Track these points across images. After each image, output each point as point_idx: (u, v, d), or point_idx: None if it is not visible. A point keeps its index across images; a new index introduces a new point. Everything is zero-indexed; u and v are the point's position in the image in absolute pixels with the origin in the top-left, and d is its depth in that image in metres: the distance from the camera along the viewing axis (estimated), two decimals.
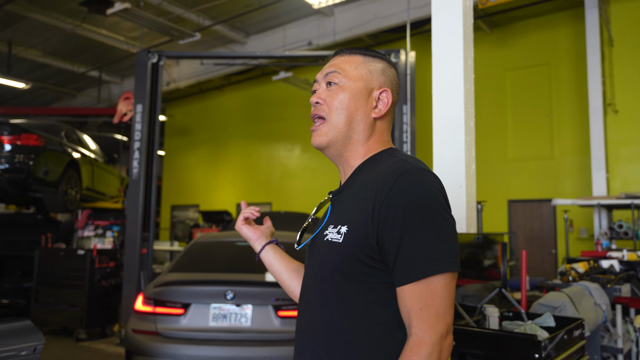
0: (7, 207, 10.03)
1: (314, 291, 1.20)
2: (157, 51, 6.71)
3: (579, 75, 9.69)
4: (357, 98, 1.24)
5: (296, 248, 1.34)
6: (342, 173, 1.31)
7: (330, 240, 1.16)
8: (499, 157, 10.53)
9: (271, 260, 1.51)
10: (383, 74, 1.29)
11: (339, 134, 1.24)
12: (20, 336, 2.70)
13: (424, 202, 1.08)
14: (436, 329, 1.04)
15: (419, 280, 1.05)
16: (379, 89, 1.27)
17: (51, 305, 6.91)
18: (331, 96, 1.25)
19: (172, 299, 3.96)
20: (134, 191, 6.42)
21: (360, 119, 1.25)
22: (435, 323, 1.05)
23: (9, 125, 6.87)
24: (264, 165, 14.10)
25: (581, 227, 9.58)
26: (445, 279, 1.06)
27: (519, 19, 10.48)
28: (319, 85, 1.30)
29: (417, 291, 1.05)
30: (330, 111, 1.25)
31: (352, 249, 1.11)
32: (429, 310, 1.05)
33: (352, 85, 1.25)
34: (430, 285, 1.05)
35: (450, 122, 2.88)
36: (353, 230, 1.12)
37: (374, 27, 9.51)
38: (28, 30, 10.95)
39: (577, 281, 4.30)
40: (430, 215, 1.07)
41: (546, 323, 2.60)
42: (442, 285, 1.06)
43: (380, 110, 1.26)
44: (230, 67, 11.83)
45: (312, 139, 1.28)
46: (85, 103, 15.12)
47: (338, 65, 1.28)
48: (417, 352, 1.03)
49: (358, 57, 1.29)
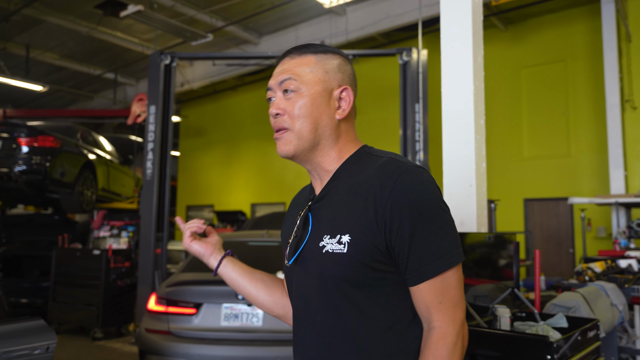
0: (26, 208, 10.20)
1: (317, 305, 1.16)
2: (169, 53, 6.76)
3: (596, 72, 9.54)
4: (319, 103, 1.18)
5: (287, 264, 1.24)
6: (317, 179, 1.26)
7: (331, 251, 1.12)
8: (514, 155, 10.41)
9: (231, 274, 1.41)
10: (340, 71, 1.22)
11: (306, 142, 1.19)
12: (34, 335, 2.74)
13: (426, 200, 1.08)
14: (456, 318, 1.10)
15: (434, 277, 1.08)
16: (339, 88, 1.21)
17: (68, 304, 7.01)
18: (291, 105, 1.19)
19: (184, 299, 3.99)
20: (148, 192, 6.47)
21: (326, 124, 1.19)
22: (455, 313, 1.10)
23: (26, 127, 6.98)
24: (278, 165, 14.13)
25: (599, 226, 9.43)
26: (457, 271, 1.11)
27: (533, 16, 10.34)
28: (274, 93, 1.23)
29: (434, 287, 1.08)
30: (292, 121, 1.18)
31: (360, 257, 1.09)
32: (447, 302, 1.09)
33: (310, 90, 1.18)
34: (445, 280, 1.09)
35: (460, 120, 2.85)
36: (358, 238, 1.09)
37: (386, 26, 9.47)
38: (45, 33, 11.11)
39: (594, 281, 4.24)
40: (434, 211, 1.09)
41: (559, 324, 2.56)
42: (455, 277, 1.10)
43: (344, 110, 1.21)
44: (244, 67, 11.88)
45: (278, 147, 1.22)
46: (102, 105, 15.30)
47: (291, 70, 1.20)
48: (444, 344, 1.07)
49: (310, 58, 1.21)
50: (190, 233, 1.41)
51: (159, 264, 6.35)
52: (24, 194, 7.30)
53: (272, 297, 1.41)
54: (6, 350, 2.60)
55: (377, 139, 11.35)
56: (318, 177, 1.25)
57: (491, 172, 10.15)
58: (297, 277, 1.23)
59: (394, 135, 7.30)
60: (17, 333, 2.70)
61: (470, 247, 2.89)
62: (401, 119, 6.62)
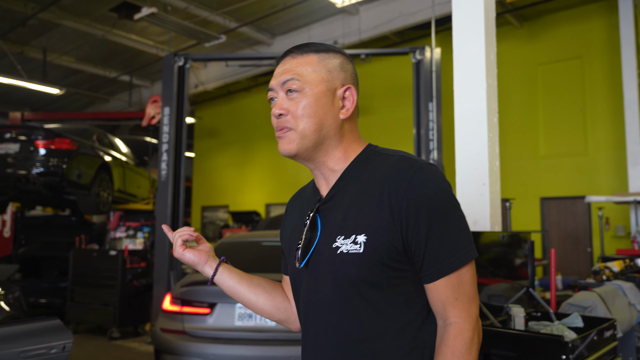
0: (44, 209, 10.35)
1: (331, 307, 1.14)
2: (183, 54, 6.80)
3: (613, 68, 9.40)
4: (323, 103, 1.17)
5: (298, 267, 1.20)
6: (322, 178, 1.24)
7: (346, 252, 1.11)
8: (530, 154, 10.30)
9: (228, 282, 1.36)
10: (342, 70, 1.21)
11: (309, 142, 1.17)
12: (50, 335, 2.78)
13: (440, 197, 1.09)
14: (472, 313, 1.11)
15: (450, 274, 1.09)
16: (342, 87, 1.20)
17: (86, 304, 7.10)
18: (294, 105, 1.17)
19: (199, 299, 4.01)
20: (163, 192, 6.52)
21: (331, 124, 1.18)
22: (470, 308, 1.11)
23: (43, 130, 7.08)
24: (292, 165, 14.14)
25: (618, 225, 9.29)
26: (471, 267, 1.12)
27: (549, 12, 10.22)
28: (276, 94, 1.21)
29: (450, 283, 1.09)
30: (296, 120, 1.17)
31: (378, 256, 1.08)
32: (463, 298, 1.10)
33: (314, 89, 1.16)
34: (460, 276, 1.10)
35: (473, 118, 2.83)
36: (374, 237, 1.08)
37: (399, 25, 9.43)
38: (61, 37, 11.26)
39: (612, 280, 4.18)
40: (447, 208, 1.10)
41: (574, 323, 2.52)
42: (469, 273, 1.11)
43: (349, 109, 1.20)
44: (257, 68, 11.91)
45: (280, 146, 1.20)
46: (118, 107, 15.46)
47: (293, 70, 1.18)
48: (461, 340, 1.09)
49: (312, 57, 1.20)
50: (182, 242, 1.35)
51: (174, 264, 6.40)
52: (41, 195, 7.40)
53: (273, 302, 1.39)
54: (24, 349, 2.64)
55: (391, 138, 11.31)
56: (323, 176, 1.24)
57: (507, 170, 10.11)
58: (307, 280, 1.21)
59: (408, 134, 7.28)
60: (34, 332, 2.75)
61: (485, 246, 2.86)
62: (415, 118, 6.58)
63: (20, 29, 10.24)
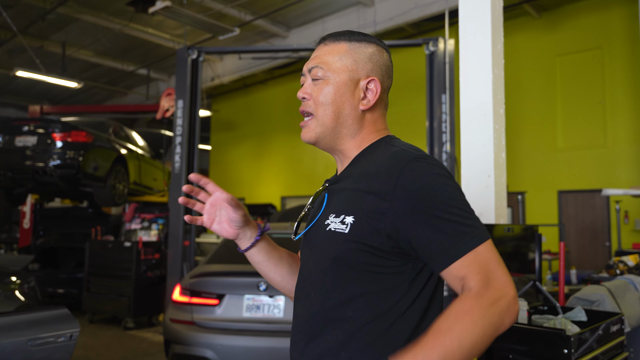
0: (63, 201, 10.54)
1: (314, 281, 1.18)
2: (196, 47, 6.83)
3: (634, 59, 9.18)
4: (343, 91, 1.20)
5: (293, 239, 1.28)
6: (339, 163, 1.28)
7: (333, 230, 1.13)
8: (548, 146, 10.14)
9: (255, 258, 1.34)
10: (370, 61, 1.23)
11: (327, 130, 1.22)
12: (58, 323, 2.83)
13: (435, 188, 1.05)
14: (496, 285, 1.00)
15: (465, 255, 1.01)
16: (366, 79, 1.22)
17: (101, 295, 7.22)
18: (317, 91, 1.21)
19: (207, 290, 4.05)
20: (176, 185, 6.58)
21: (348, 113, 1.21)
22: (494, 280, 1.00)
23: (60, 123, 7.20)
24: (308, 157, 14.15)
25: (637, 219, 9.11)
26: (488, 246, 1.03)
27: (568, 2, 10.02)
28: (305, 79, 1.26)
29: (466, 262, 1.01)
30: (316, 107, 1.22)
31: (361, 239, 1.08)
32: (485, 273, 1.01)
33: (336, 78, 1.20)
34: (477, 255, 1.01)
35: (478, 109, 2.79)
36: (360, 221, 1.09)
37: (415, 16, 9.33)
38: (80, 31, 11.40)
39: (625, 275, 4.10)
40: (446, 198, 1.05)
41: (577, 317, 2.49)
42: (488, 250, 1.02)
43: (369, 101, 1.22)
44: (273, 61, 11.92)
45: (301, 134, 1.26)
46: (135, 100, 15.62)
47: (321, 58, 1.22)
48: (477, 302, 0.98)
49: (343, 45, 1.23)
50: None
51: (187, 256, 6.46)
52: (58, 187, 7.53)
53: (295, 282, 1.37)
54: (31, 337, 2.70)
55: (405, 130, 11.21)
56: (340, 161, 1.29)
57: (523, 163, 9.99)
58: (303, 254, 1.27)
59: (421, 126, 7.21)
60: (42, 321, 2.80)
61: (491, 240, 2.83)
62: (428, 110, 6.52)
63: (39, 23, 10.40)
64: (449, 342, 0.96)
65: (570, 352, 2.15)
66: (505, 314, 0.99)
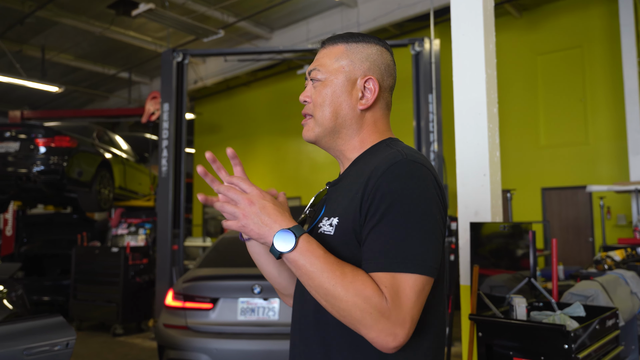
0: (45, 207, 10.36)
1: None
2: (181, 50, 6.78)
3: (613, 57, 9.36)
4: (340, 92, 1.21)
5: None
6: (340, 164, 1.28)
7: (322, 232, 1.14)
8: (531, 144, 10.28)
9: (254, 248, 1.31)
10: (367, 60, 1.22)
11: (325, 130, 1.22)
12: (53, 332, 2.78)
13: (407, 195, 1.02)
14: (400, 313, 0.97)
15: (384, 272, 0.99)
16: (363, 78, 1.21)
17: (89, 301, 7.12)
18: (316, 93, 1.23)
19: (201, 294, 4.02)
20: (164, 189, 6.52)
21: (347, 113, 1.21)
22: (398, 315, 0.97)
23: (43, 128, 7.08)
24: (293, 159, 14.14)
25: (619, 214, 9.28)
26: (415, 280, 0.99)
27: (548, 1, 10.17)
28: (308, 81, 1.27)
29: (381, 283, 0.99)
30: (315, 109, 1.23)
31: (344, 241, 1.08)
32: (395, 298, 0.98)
33: (333, 79, 1.21)
34: (396, 280, 0.98)
35: (472, 109, 2.82)
36: (344, 222, 1.09)
37: (398, 17, 9.39)
38: (59, 35, 11.23)
39: (613, 269, 4.18)
40: (411, 209, 1.02)
41: (576, 313, 2.53)
42: (408, 284, 0.98)
43: (368, 100, 1.21)
44: (256, 63, 11.88)
45: (302, 133, 1.27)
46: (117, 104, 15.44)
47: (319, 61, 1.25)
48: (374, 297, 0.96)
49: (340, 47, 1.24)
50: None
51: (176, 260, 6.41)
52: (42, 194, 7.41)
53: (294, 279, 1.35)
54: (27, 346, 2.65)
55: (393, 131, 11.27)
56: (341, 163, 1.28)
57: (507, 161, 10.09)
58: None
59: (408, 126, 7.25)
60: (38, 330, 2.75)
61: (486, 237, 2.86)
62: (414, 110, 6.57)
63: (18, 27, 10.22)
64: (334, 277, 0.99)
65: (571, 347, 2.19)
66: (375, 326, 0.96)
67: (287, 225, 1.05)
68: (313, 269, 1.01)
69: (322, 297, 1.01)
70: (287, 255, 1.03)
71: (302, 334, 1.19)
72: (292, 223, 1.06)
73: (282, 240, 1.03)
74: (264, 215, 1.06)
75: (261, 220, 1.06)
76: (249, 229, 1.07)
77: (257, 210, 1.07)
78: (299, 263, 1.02)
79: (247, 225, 1.06)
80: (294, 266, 1.04)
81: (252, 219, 1.06)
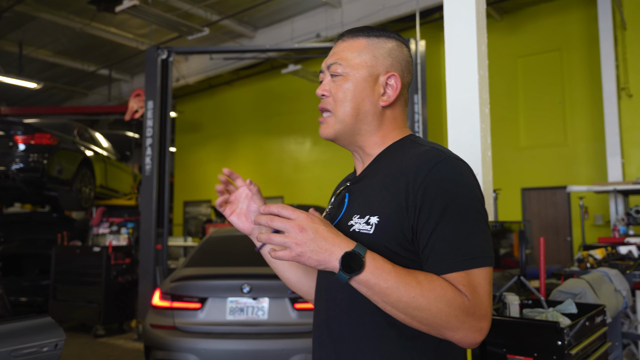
0: (23, 206, 10.15)
1: (339, 284, 1.13)
2: (166, 47, 6.71)
3: (592, 60, 9.55)
4: (362, 87, 1.18)
5: None
6: (359, 161, 1.26)
7: (358, 231, 1.10)
8: (511, 145, 10.44)
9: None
10: (389, 56, 1.21)
11: (346, 127, 1.19)
12: (42, 332, 2.73)
13: (459, 193, 1.04)
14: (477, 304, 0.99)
15: (453, 273, 1.01)
16: (385, 74, 1.19)
17: (69, 302, 6.99)
18: (336, 87, 1.19)
19: (189, 294, 3.98)
20: (148, 188, 6.45)
21: (368, 110, 1.19)
22: (478, 304, 0.99)
23: (23, 125, 6.93)
24: (275, 158, 14.11)
25: (596, 214, 9.48)
26: (486, 272, 1.02)
27: (529, 5, 10.34)
28: (325, 75, 1.24)
29: (457, 281, 1.00)
30: (336, 104, 1.19)
31: (385, 241, 1.07)
32: (473, 294, 1.00)
33: (355, 74, 1.18)
34: (470, 276, 1.00)
35: (465, 109, 2.85)
36: (385, 221, 1.07)
37: (382, 17, 9.44)
38: (38, 30, 11.02)
39: (595, 268, 4.26)
40: (466, 205, 1.04)
41: (568, 310, 2.57)
42: (482, 277, 1.01)
43: (389, 96, 1.20)
44: (239, 61, 11.82)
45: (320, 130, 1.23)
46: (96, 101, 15.21)
47: (339, 54, 1.20)
48: (449, 288, 0.98)
49: (361, 41, 1.21)
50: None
51: (159, 259, 6.34)
52: (21, 192, 7.26)
53: (311, 283, 1.35)
54: (15, 348, 2.59)
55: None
56: (360, 159, 1.26)
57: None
58: None
59: None
60: (25, 331, 2.70)
61: None
62: None
63: None
64: (411, 288, 0.97)
65: (564, 343, 2.22)
66: (462, 326, 0.98)
67: (347, 246, 1.00)
68: (387, 285, 0.98)
69: (400, 311, 0.99)
70: (356, 278, 0.98)
71: (334, 334, 1.15)
72: (351, 243, 1.01)
73: (349, 263, 0.98)
74: (320, 240, 1.00)
75: (318, 246, 0.99)
76: (306, 258, 1.00)
77: (312, 236, 1.00)
78: (371, 283, 0.98)
79: (304, 254, 0.99)
80: (365, 286, 0.99)
81: (308, 247, 0.99)
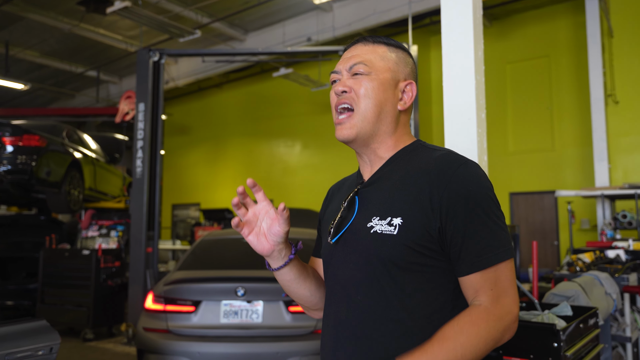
0: (9, 208, 10.01)
1: (359, 284, 1.17)
2: (158, 49, 6.69)
3: (579, 67, 9.70)
4: (385, 89, 1.22)
5: (330, 242, 1.23)
6: (368, 164, 1.28)
7: (380, 232, 1.14)
8: (500, 150, 10.54)
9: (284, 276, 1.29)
10: (407, 66, 1.28)
11: (368, 125, 1.21)
12: (36, 336, 2.71)
13: (482, 194, 1.12)
14: (505, 303, 1.10)
15: (487, 268, 1.09)
16: (404, 81, 1.26)
17: (57, 305, 6.90)
18: (358, 84, 1.21)
19: (183, 297, 3.96)
20: (138, 190, 6.41)
21: (388, 111, 1.23)
22: (504, 298, 1.09)
23: (11, 126, 6.85)
24: (265, 162, 14.09)
25: (583, 219, 9.60)
26: (508, 265, 1.12)
27: (518, 12, 10.47)
28: (341, 76, 1.26)
29: (486, 276, 1.09)
30: (358, 99, 1.21)
31: (410, 241, 1.11)
32: (498, 290, 1.10)
33: (379, 75, 1.22)
34: (497, 271, 1.09)
35: (462, 114, 2.88)
36: (410, 222, 1.11)
37: (373, 22, 9.50)
38: (25, 30, 10.90)
39: (585, 271, 4.32)
40: (489, 206, 1.12)
41: (563, 312, 2.61)
42: (507, 269, 1.11)
43: (406, 102, 1.26)
44: (229, 64, 11.81)
45: (339, 131, 1.22)
46: (84, 103, 15.07)
47: (363, 56, 1.24)
48: (485, 319, 1.07)
49: (383, 48, 1.26)
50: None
51: (150, 263, 6.29)
52: (9, 194, 7.16)
53: (323, 293, 1.38)
54: (9, 351, 2.56)
55: None
56: (369, 162, 1.27)
57: None
58: (337, 257, 1.23)
59: None
60: (19, 334, 2.67)
61: None
62: None
63: None
64: (452, 349, 1.05)
65: (560, 345, 2.26)
66: (507, 331, 1.09)
67: None
68: None
69: None
70: None
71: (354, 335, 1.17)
72: None
73: None
74: None
75: None
76: None
77: None
78: None
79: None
80: None
81: None
